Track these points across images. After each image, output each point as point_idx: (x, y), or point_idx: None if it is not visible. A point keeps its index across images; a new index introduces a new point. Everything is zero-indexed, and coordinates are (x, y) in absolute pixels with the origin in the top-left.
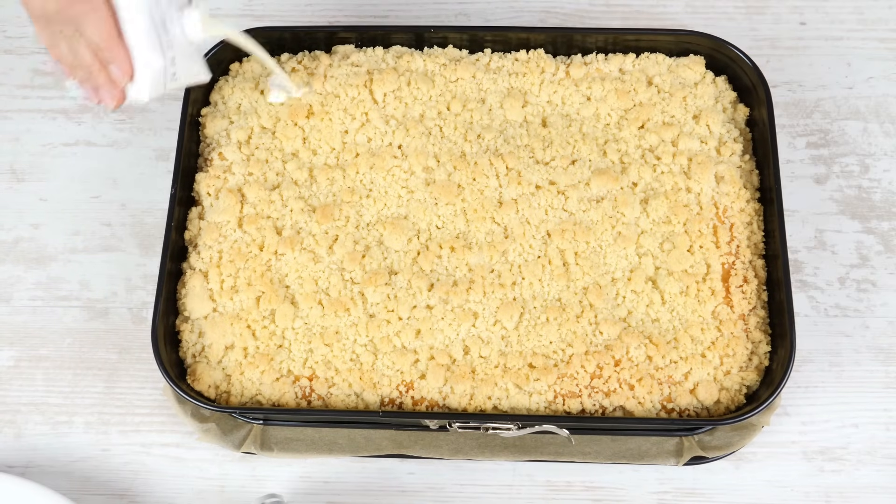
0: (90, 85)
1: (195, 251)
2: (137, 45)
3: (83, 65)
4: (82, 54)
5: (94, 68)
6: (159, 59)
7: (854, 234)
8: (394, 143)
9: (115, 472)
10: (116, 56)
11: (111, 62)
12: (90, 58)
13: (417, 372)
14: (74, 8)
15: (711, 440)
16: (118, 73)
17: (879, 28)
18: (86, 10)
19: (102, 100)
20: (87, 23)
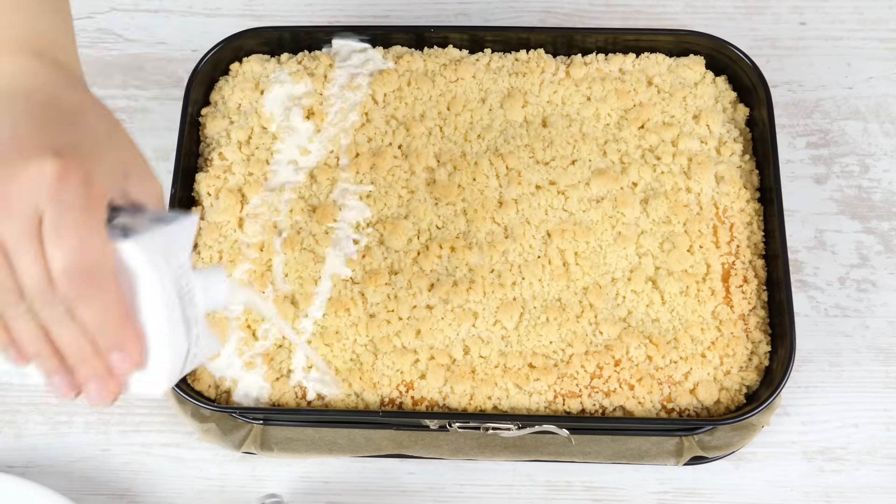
0: (62, 376)
1: (195, 251)
2: (156, 327)
3: (70, 352)
4: (67, 341)
5: (84, 356)
6: (183, 339)
7: (854, 234)
8: (394, 143)
9: (115, 472)
10: (125, 341)
11: (115, 349)
12: (80, 344)
13: (417, 372)
14: (74, 287)
15: (711, 440)
16: (123, 363)
17: (879, 28)
18: (89, 289)
19: (89, 394)
20: (90, 303)
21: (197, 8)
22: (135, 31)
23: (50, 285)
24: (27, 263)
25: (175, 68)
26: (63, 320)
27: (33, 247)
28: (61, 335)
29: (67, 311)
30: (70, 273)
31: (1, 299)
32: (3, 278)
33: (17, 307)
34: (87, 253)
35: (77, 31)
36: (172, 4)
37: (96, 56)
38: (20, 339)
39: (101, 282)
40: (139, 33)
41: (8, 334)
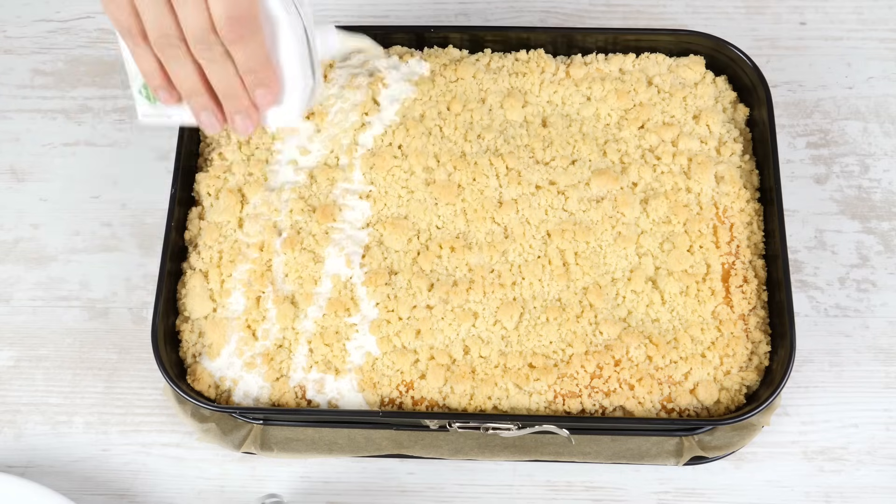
0: (212, 111)
1: (195, 251)
2: (290, 66)
3: (221, 88)
4: (225, 78)
5: (234, 92)
6: (309, 78)
7: (854, 234)
8: (394, 144)
9: (115, 472)
10: (269, 79)
11: (260, 86)
12: (231, 82)
13: (417, 372)
14: (233, 31)
15: (711, 440)
16: (265, 98)
17: (879, 28)
18: (244, 33)
19: (235, 125)
20: (244, 46)
21: None
22: None
23: (211, 30)
24: (194, 11)
25: None
26: (220, 60)
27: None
28: (216, 73)
29: (223, 54)
30: (231, 18)
31: (165, 44)
32: (168, 24)
33: (179, 49)
34: (243, 1)
35: (77, 31)
36: None
37: (96, 56)
38: (179, 78)
39: (253, 26)
40: None
41: (164, 77)
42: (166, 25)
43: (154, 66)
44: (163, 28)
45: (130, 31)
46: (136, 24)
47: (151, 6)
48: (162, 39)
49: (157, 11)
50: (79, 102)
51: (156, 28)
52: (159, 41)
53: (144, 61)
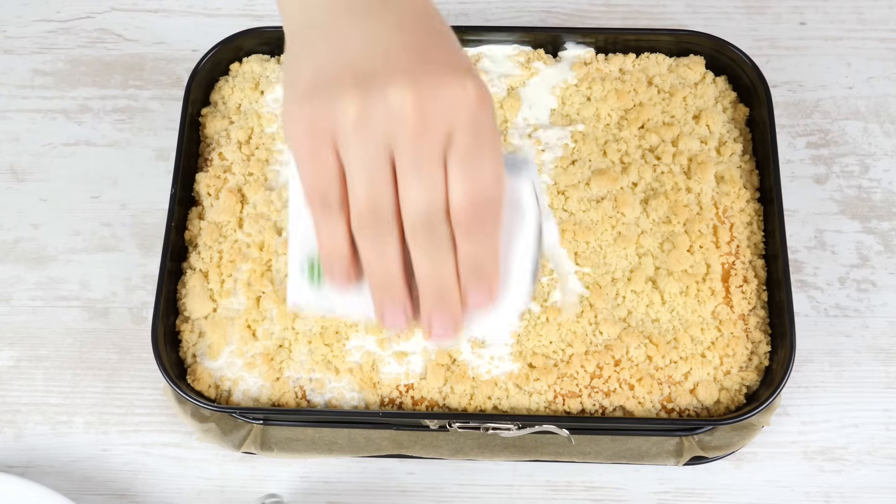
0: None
1: (195, 251)
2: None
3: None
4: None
5: (445, 289)
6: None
7: (854, 234)
8: None
9: (115, 472)
10: (493, 280)
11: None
12: (447, 277)
13: (417, 372)
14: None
15: (711, 440)
16: (481, 301)
17: (879, 28)
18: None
19: (432, 328)
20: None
21: (197, 8)
22: (134, 31)
23: (444, 212)
24: (428, 187)
25: (175, 68)
26: (441, 250)
27: (439, 171)
28: (430, 265)
29: (449, 243)
30: (476, 202)
31: (372, 221)
32: (385, 199)
33: (389, 230)
34: (496, 183)
35: (77, 31)
36: (172, 4)
37: (96, 56)
38: (375, 264)
39: (497, 215)
40: (139, 33)
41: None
42: (382, 199)
43: (344, 244)
44: (376, 202)
45: (326, 198)
46: (338, 192)
47: (368, 175)
48: (370, 216)
49: (375, 181)
50: (79, 102)
51: (366, 200)
52: (366, 217)
53: (333, 237)
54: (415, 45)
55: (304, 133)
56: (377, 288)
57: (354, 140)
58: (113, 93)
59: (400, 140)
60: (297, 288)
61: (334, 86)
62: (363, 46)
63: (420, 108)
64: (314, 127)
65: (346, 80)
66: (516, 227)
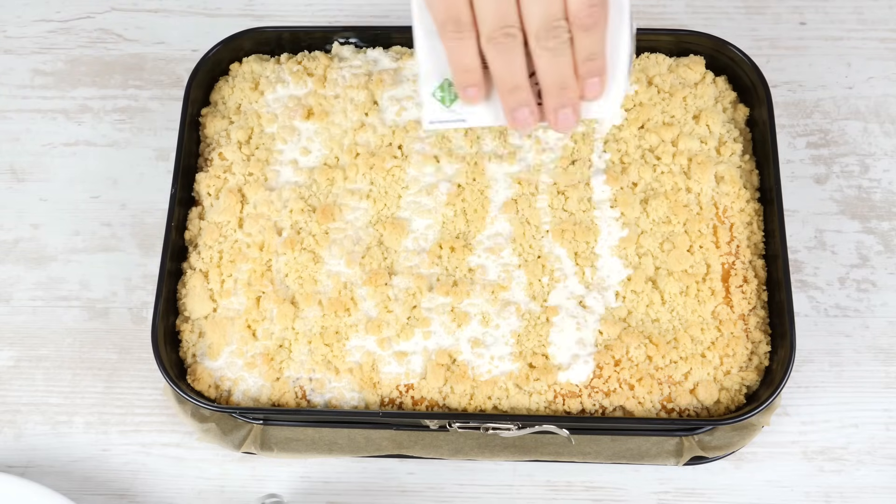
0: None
1: (195, 251)
2: (622, 55)
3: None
4: (561, 69)
5: (567, 83)
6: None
7: (854, 234)
8: (393, 144)
9: (115, 472)
10: (603, 68)
11: (594, 75)
12: (567, 72)
13: (417, 372)
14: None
15: (711, 440)
16: (595, 89)
17: (879, 28)
18: (600, 17)
19: (558, 121)
20: (595, 31)
21: (197, 8)
22: (134, 31)
23: (563, 17)
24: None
25: (175, 68)
26: (562, 50)
27: None
28: (554, 65)
29: (567, 42)
30: (592, 2)
31: (501, 35)
32: (511, 14)
33: (516, 41)
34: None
35: (77, 31)
36: (172, 4)
37: (96, 56)
38: (506, 73)
39: (606, 10)
40: (139, 33)
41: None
42: (509, 15)
43: (476, 60)
44: (504, 18)
45: (459, 22)
46: (469, 14)
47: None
48: (499, 31)
49: (500, 1)
50: (79, 102)
51: (496, 18)
52: (496, 33)
53: (466, 56)
54: None
55: None
56: (507, 93)
57: None
58: (113, 93)
59: None
60: (433, 110)
61: None
62: None
63: None
64: None
65: None
66: (616, 20)
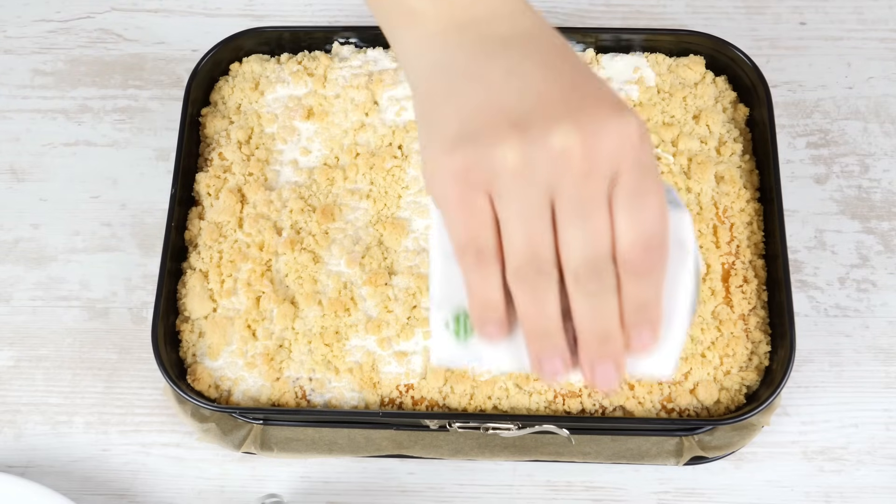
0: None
1: (195, 251)
2: (682, 306)
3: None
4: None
5: (615, 335)
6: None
7: (854, 234)
8: (393, 144)
9: (115, 472)
10: (656, 319)
11: (644, 326)
12: (610, 322)
13: (417, 372)
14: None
15: (711, 440)
16: (644, 342)
17: (879, 28)
18: (657, 262)
19: (596, 378)
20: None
21: (197, 8)
22: (134, 31)
23: (611, 258)
24: (594, 232)
25: (175, 68)
26: (606, 295)
27: (605, 214)
28: (595, 311)
29: (613, 287)
30: (647, 243)
31: (532, 271)
32: (546, 248)
33: (550, 279)
34: (663, 220)
35: (77, 31)
36: (172, 4)
37: (96, 56)
38: (534, 315)
39: (664, 254)
40: (139, 33)
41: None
42: (542, 248)
43: (499, 295)
44: (536, 252)
45: (481, 251)
46: (493, 242)
47: (527, 223)
48: (529, 265)
49: (535, 230)
50: (79, 102)
51: (525, 249)
52: (525, 268)
53: (486, 289)
54: (566, 81)
55: (456, 183)
56: (534, 337)
57: (514, 188)
58: (113, 93)
59: (564, 185)
60: (443, 344)
61: (489, 132)
62: (511, 86)
63: (586, 151)
64: (468, 177)
65: (501, 126)
66: (676, 262)
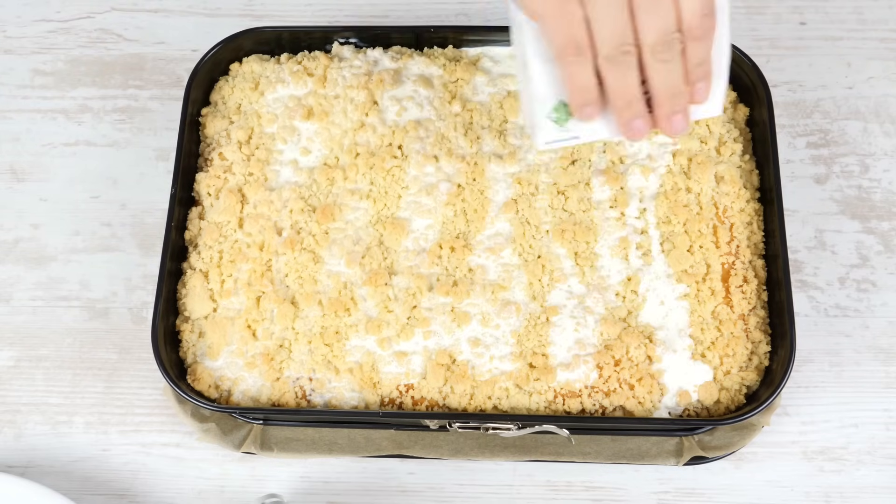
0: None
1: (195, 251)
2: (721, 57)
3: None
4: (674, 78)
5: (682, 90)
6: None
7: (854, 234)
8: (393, 144)
9: (115, 472)
10: (710, 71)
11: (703, 79)
12: (678, 81)
13: (417, 372)
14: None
15: (711, 440)
16: (704, 91)
17: (879, 28)
18: (713, 24)
19: (673, 127)
20: (707, 40)
21: (197, 8)
22: (134, 31)
23: (677, 29)
24: (665, 12)
25: (175, 68)
26: (675, 60)
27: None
28: (667, 74)
29: (679, 53)
30: (705, 11)
31: (619, 53)
32: (628, 33)
33: (632, 57)
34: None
35: (77, 31)
36: (172, 4)
37: (96, 56)
38: (622, 88)
39: (715, 17)
40: (139, 33)
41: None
42: (625, 34)
43: (594, 80)
44: (622, 37)
45: (579, 46)
46: (587, 38)
47: (611, 15)
48: (617, 49)
49: (618, 20)
50: (79, 102)
51: (613, 37)
52: (614, 52)
53: (584, 77)
54: None
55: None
56: (623, 107)
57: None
58: (113, 93)
59: None
60: (548, 129)
61: None
62: None
63: None
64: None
65: None
66: (718, 21)
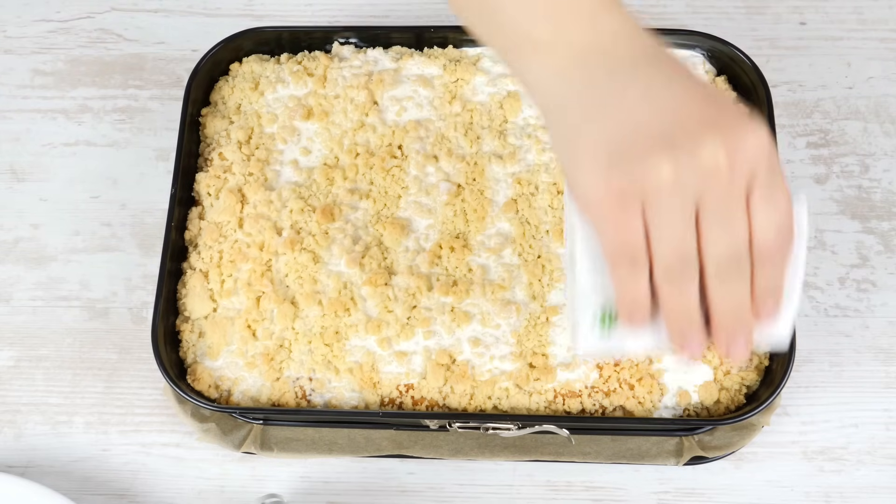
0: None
1: (195, 251)
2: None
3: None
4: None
5: (747, 316)
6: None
7: (854, 234)
8: (393, 144)
9: (115, 472)
10: (780, 296)
11: (770, 304)
12: (744, 305)
13: (417, 372)
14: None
15: (711, 440)
16: (771, 316)
17: (879, 28)
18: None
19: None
20: (779, 263)
21: (197, 8)
22: (134, 31)
23: (748, 247)
24: (736, 229)
25: (175, 68)
26: (742, 281)
27: (744, 212)
28: (732, 296)
29: (747, 273)
30: (780, 232)
31: (679, 269)
32: (691, 247)
33: (693, 273)
34: (790, 210)
35: (77, 31)
36: (172, 4)
37: (96, 56)
38: (677, 305)
39: (792, 238)
40: (139, 33)
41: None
42: (689, 249)
43: (647, 293)
44: (684, 251)
45: (635, 259)
46: (645, 248)
47: (674, 228)
48: (678, 264)
49: (683, 234)
50: (79, 102)
51: (675, 252)
52: (674, 266)
53: (636, 290)
54: (697, 97)
55: (612, 200)
56: (678, 322)
57: (666, 201)
58: (113, 93)
59: (710, 192)
60: (590, 336)
61: (640, 153)
62: (650, 107)
63: (731, 161)
64: (624, 196)
65: (650, 144)
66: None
